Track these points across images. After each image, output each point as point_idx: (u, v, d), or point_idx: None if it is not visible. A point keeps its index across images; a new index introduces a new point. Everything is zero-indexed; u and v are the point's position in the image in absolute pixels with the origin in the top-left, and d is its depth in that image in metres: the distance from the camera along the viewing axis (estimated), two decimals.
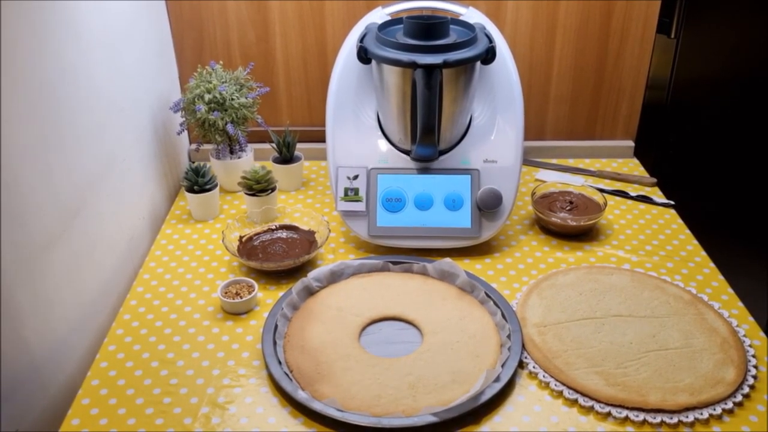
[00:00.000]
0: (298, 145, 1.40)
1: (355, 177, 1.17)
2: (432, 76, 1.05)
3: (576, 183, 1.34)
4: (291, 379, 0.90)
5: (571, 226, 1.20)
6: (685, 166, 1.54)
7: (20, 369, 0.85)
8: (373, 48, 1.11)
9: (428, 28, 1.10)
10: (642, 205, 1.32)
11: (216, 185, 1.28)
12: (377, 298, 1.04)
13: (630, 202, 1.33)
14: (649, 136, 1.50)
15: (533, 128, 1.49)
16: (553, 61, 1.43)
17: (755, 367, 0.92)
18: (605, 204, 1.23)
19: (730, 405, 0.86)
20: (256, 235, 1.19)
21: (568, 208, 1.23)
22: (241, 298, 1.04)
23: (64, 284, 0.95)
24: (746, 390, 0.89)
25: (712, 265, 1.14)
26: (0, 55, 0.78)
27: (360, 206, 1.17)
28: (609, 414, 0.86)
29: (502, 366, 0.91)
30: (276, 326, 0.98)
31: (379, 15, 1.21)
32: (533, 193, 1.26)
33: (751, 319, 1.02)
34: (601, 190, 1.30)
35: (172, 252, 1.19)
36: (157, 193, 1.30)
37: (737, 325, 0.99)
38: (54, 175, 0.92)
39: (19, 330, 0.84)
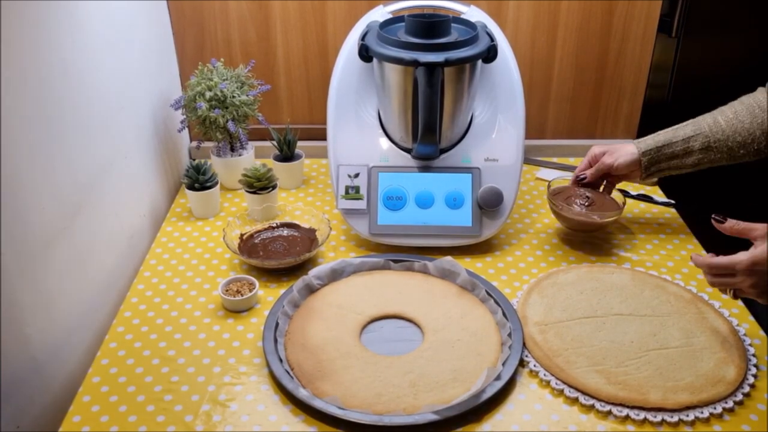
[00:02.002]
0: (299, 143, 1.40)
1: (356, 175, 1.17)
2: (433, 74, 1.05)
3: None
4: (292, 377, 0.90)
5: (595, 222, 1.15)
6: None
7: (21, 366, 0.85)
8: (375, 46, 1.11)
9: (430, 26, 1.10)
10: (642, 204, 1.32)
11: (217, 183, 1.28)
12: (378, 296, 1.04)
13: (630, 201, 1.33)
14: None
15: (534, 127, 1.50)
16: (554, 60, 1.43)
17: (755, 366, 0.92)
18: (624, 202, 1.18)
19: (730, 404, 0.86)
20: (257, 232, 1.19)
21: (586, 204, 1.19)
22: (242, 295, 1.04)
23: (65, 281, 0.95)
24: (746, 389, 0.89)
25: None
26: (1, 53, 0.78)
27: (361, 204, 1.17)
28: (610, 412, 0.86)
29: (503, 364, 0.91)
30: (277, 324, 0.98)
31: (380, 13, 1.21)
32: (549, 186, 1.23)
33: (751, 318, 1.02)
34: None
35: (172, 249, 1.19)
36: (157, 190, 1.30)
37: (737, 324, 1.00)
38: (55, 172, 0.92)
39: (21, 327, 0.84)
